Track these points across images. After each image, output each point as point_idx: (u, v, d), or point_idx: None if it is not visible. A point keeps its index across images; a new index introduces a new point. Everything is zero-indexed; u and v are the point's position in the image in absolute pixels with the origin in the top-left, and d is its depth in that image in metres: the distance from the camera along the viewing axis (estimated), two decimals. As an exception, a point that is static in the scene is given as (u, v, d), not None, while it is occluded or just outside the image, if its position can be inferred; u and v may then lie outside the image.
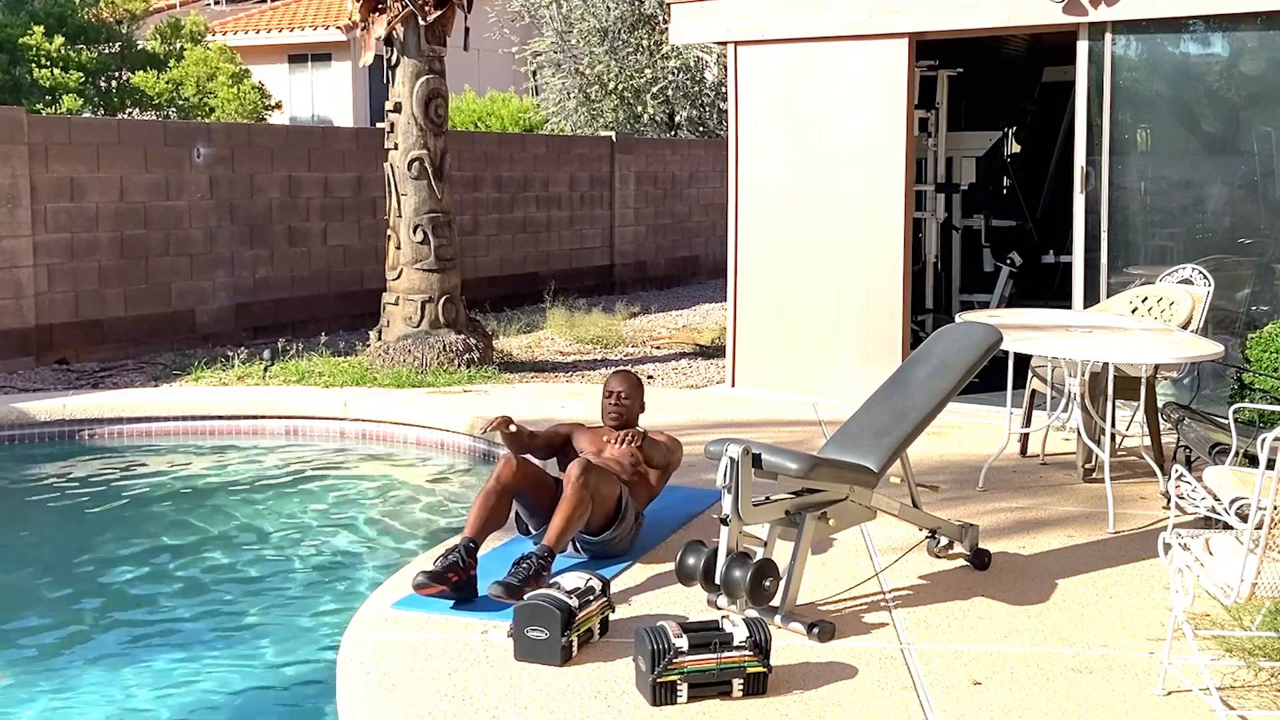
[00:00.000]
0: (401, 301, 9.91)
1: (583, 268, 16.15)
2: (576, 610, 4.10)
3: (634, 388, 5.51)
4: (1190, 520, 5.17)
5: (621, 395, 5.46)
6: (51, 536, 6.56)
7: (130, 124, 12.04)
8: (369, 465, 7.94)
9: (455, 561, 4.58)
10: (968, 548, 5.06)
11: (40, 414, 8.26)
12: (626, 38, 20.29)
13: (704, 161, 18.51)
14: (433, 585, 4.49)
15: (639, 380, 5.59)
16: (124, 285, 10.89)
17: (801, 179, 8.78)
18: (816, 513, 4.54)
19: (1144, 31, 7.77)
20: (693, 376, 10.07)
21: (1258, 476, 3.48)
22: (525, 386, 9.32)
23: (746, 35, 8.86)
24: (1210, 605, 4.44)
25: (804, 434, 7.33)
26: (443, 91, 9.98)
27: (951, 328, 5.37)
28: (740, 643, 3.84)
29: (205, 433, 8.44)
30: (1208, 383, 7.57)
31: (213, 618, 5.30)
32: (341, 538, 6.40)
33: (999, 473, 6.50)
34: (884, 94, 8.41)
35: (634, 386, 5.51)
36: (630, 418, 5.47)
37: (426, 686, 3.91)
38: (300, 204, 12.39)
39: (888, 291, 8.46)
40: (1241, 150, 7.90)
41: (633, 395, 5.48)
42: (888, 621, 4.50)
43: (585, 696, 3.84)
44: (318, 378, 9.46)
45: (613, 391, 5.48)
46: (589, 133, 19.96)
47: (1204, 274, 6.89)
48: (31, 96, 16.66)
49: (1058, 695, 3.88)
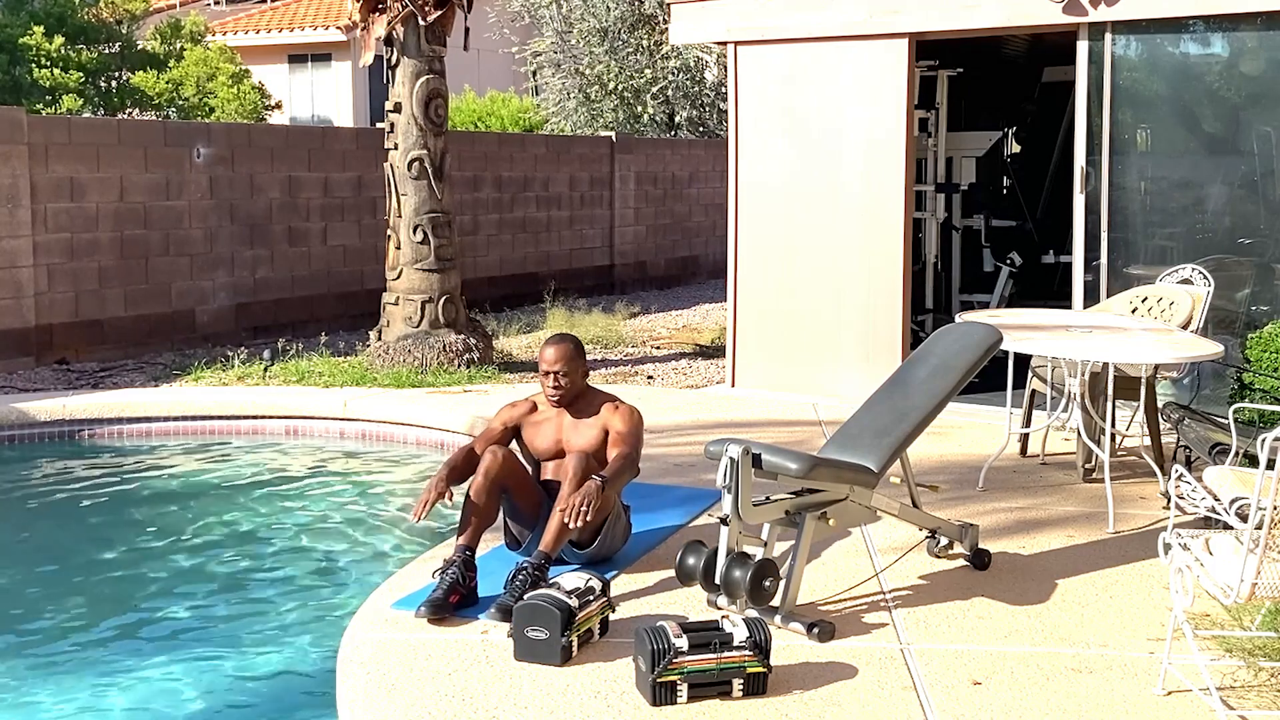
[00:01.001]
0: (401, 301, 9.91)
1: (583, 268, 16.15)
2: (576, 610, 4.09)
3: (571, 358, 4.95)
4: (1190, 520, 5.17)
5: (560, 375, 4.93)
6: (51, 537, 6.55)
7: (130, 124, 12.04)
8: (369, 465, 7.94)
9: (454, 580, 4.51)
10: (968, 548, 5.06)
11: (40, 414, 8.26)
12: (626, 38, 20.29)
13: (704, 161, 18.51)
14: (439, 615, 4.41)
15: (576, 345, 5.02)
16: (124, 285, 10.89)
17: (801, 179, 8.78)
18: (816, 513, 4.54)
19: (1144, 31, 7.76)
20: (693, 376, 10.07)
21: (1258, 476, 3.48)
22: (525, 386, 9.31)
23: (746, 35, 8.86)
24: (1210, 605, 4.44)
25: (804, 434, 7.32)
26: (443, 91, 9.98)
27: (951, 328, 5.36)
28: (740, 643, 3.84)
29: (205, 433, 8.45)
30: (1208, 383, 7.57)
31: (212, 618, 5.30)
32: (341, 538, 6.40)
33: (999, 473, 6.50)
34: (884, 94, 8.41)
35: (570, 357, 4.95)
36: (575, 392, 4.99)
37: (426, 686, 3.91)
38: (300, 204, 12.39)
39: (888, 291, 8.46)
40: (1241, 150, 7.90)
41: (571, 369, 4.94)
42: (888, 621, 4.50)
43: (585, 696, 3.84)
44: (318, 378, 9.46)
45: (549, 371, 4.93)
46: (589, 133, 19.96)
47: (1204, 274, 6.89)
48: (31, 96, 16.66)
49: (1058, 695, 3.88)
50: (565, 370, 4.94)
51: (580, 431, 4.98)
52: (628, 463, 4.84)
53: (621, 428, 4.92)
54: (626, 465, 4.83)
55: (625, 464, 4.82)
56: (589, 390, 5.09)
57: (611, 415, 4.97)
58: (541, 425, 5.05)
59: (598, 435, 4.95)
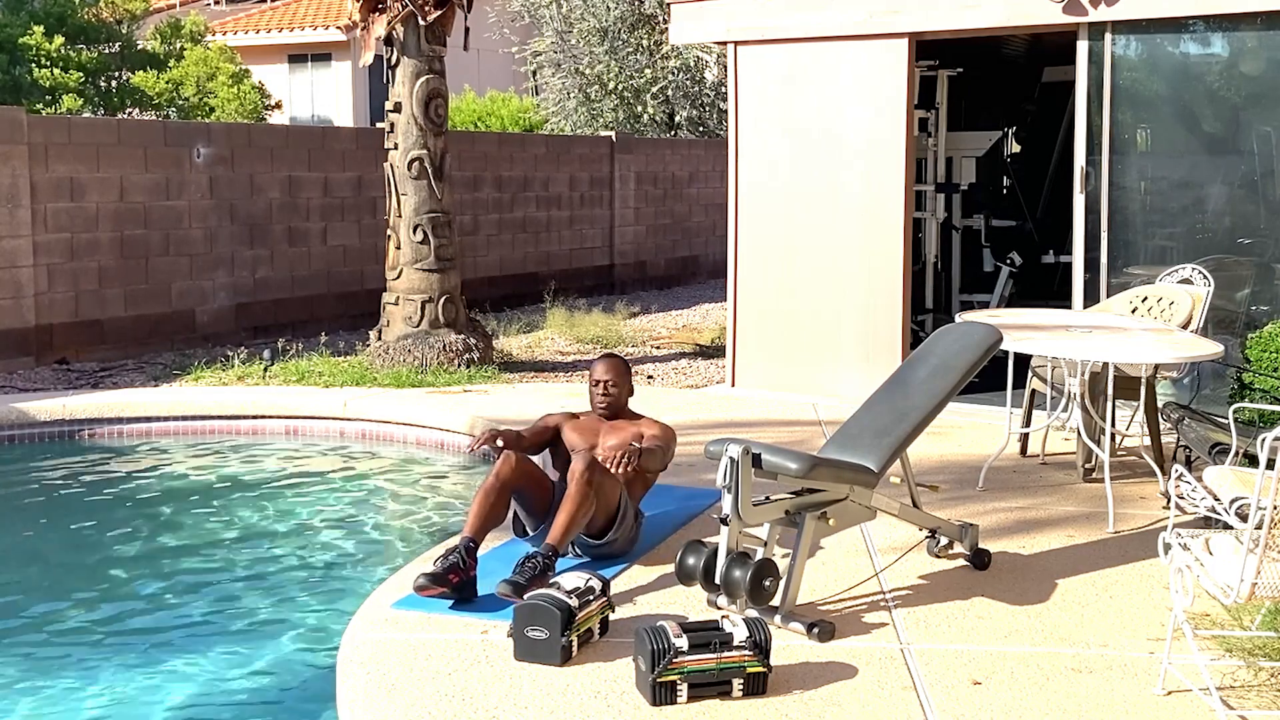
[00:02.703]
0: (401, 301, 9.91)
1: (583, 268, 16.15)
2: (576, 610, 4.10)
3: (621, 373, 5.37)
4: (1190, 520, 5.17)
5: (609, 384, 5.33)
6: (50, 536, 6.55)
7: (130, 124, 12.04)
8: (369, 465, 7.94)
9: (455, 562, 4.57)
10: (968, 548, 5.06)
11: (40, 414, 8.26)
12: (626, 38, 20.29)
13: (704, 161, 18.51)
14: (433, 587, 4.49)
15: (625, 364, 5.45)
16: (124, 285, 10.89)
17: (801, 179, 8.78)
18: (816, 513, 4.54)
19: (1144, 31, 7.77)
20: (693, 376, 10.07)
21: (1258, 476, 3.48)
22: (525, 386, 9.32)
23: (746, 35, 8.86)
24: (1210, 605, 4.44)
25: (804, 434, 7.32)
26: (443, 91, 9.98)
27: (951, 328, 5.36)
28: (740, 643, 3.84)
29: (205, 433, 8.45)
30: (1208, 383, 7.57)
31: (212, 617, 5.30)
32: (341, 537, 6.40)
33: (999, 473, 6.50)
34: (884, 94, 8.41)
35: (621, 372, 5.37)
36: (620, 405, 5.37)
37: (426, 686, 3.91)
38: (300, 204, 12.39)
39: (888, 291, 8.46)
40: (1241, 150, 7.90)
41: (620, 382, 5.35)
42: (888, 621, 4.50)
43: (585, 696, 3.84)
44: (318, 378, 9.46)
45: (600, 380, 5.35)
46: (589, 133, 19.96)
47: (1204, 274, 6.89)
48: (31, 96, 16.66)
49: (1058, 695, 3.88)
50: (615, 381, 5.35)
51: (615, 433, 5.29)
52: (660, 449, 5.17)
53: (655, 431, 5.29)
54: (659, 450, 5.16)
55: (658, 448, 5.16)
56: (630, 411, 5.44)
57: (648, 426, 5.34)
58: (582, 426, 5.42)
59: (630, 438, 5.22)
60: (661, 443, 5.21)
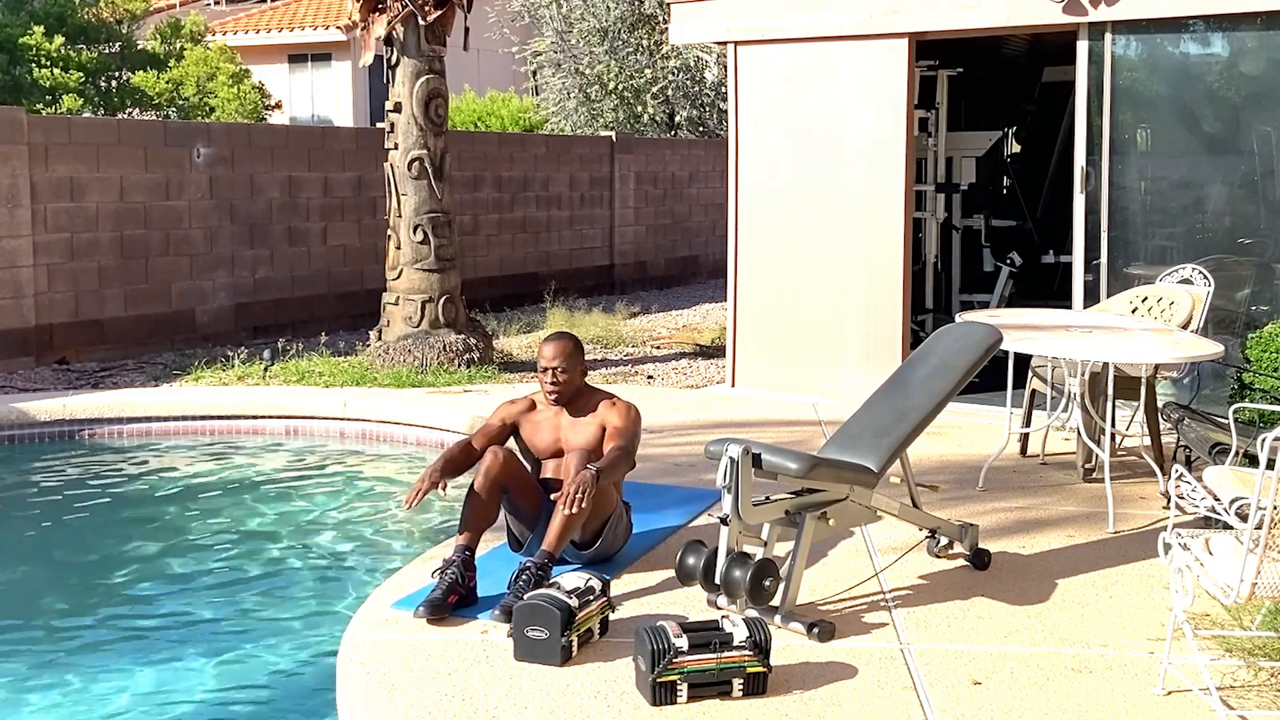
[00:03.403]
0: (401, 301, 9.91)
1: (583, 268, 16.15)
2: (576, 610, 4.09)
3: (569, 356, 4.95)
4: (1190, 520, 5.17)
5: (558, 370, 4.93)
6: (50, 536, 6.55)
7: (130, 124, 12.04)
8: (369, 465, 7.94)
9: (453, 580, 4.52)
10: (968, 548, 5.06)
11: (40, 414, 8.26)
12: (626, 38, 20.29)
13: (704, 161, 18.51)
14: (437, 615, 4.42)
15: (575, 343, 5.03)
16: (124, 285, 10.89)
17: (802, 179, 8.78)
18: (816, 513, 4.54)
19: (1144, 31, 7.76)
20: (693, 376, 10.07)
21: (1258, 476, 3.48)
22: (525, 386, 9.31)
23: (747, 35, 8.86)
24: (1210, 605, 4.44)
25: (804, 434, 7.32)
26: (443, 91, 9.98)
27: (951, 328, 5.36)
28: (740, 643, 3.83)
29: (205, 433, 8.45)
30: (1208, 383, 7.57)
31: (212, 618, 5.30)
32: (341, 538, 6.40)
33: (999, 473, 6.50)
34: (884, 94, 8.41)
35: (569, 354, 4.95)
36: (572, 390, 4.99)
37: (426, 686, 3.91)
38: (300, 204, 12.39)
39: (888, 291, 8.46)
40: (1241, 150, 7.90)
41: (570, 366, 4.94)
42: (888, 621, 4.50)
43: (585, 696, 3.84)
44: (318, 378, 9.46)
45: (547, 367, 4.95)
46: (589, 133, 19.96)
47: (1204, 274, 6.89)
48: (31, 96, 16.65)
49: (1058, 695, 3.88)
50: (564, 367, 4.94)
51: (578, 430, 4.98)
52: (623, 455, 4.85)
53: (618, 422, 4.94)
54: (621, 457, 4.85)
55: (620, 455, 4.84)
56: (587, 389, 5.10)
57: (609, 411, 4.98)
58: (540, 424, 5.06)
59: (596, 432, 4.95)
60: (624, 440, 4.88)
